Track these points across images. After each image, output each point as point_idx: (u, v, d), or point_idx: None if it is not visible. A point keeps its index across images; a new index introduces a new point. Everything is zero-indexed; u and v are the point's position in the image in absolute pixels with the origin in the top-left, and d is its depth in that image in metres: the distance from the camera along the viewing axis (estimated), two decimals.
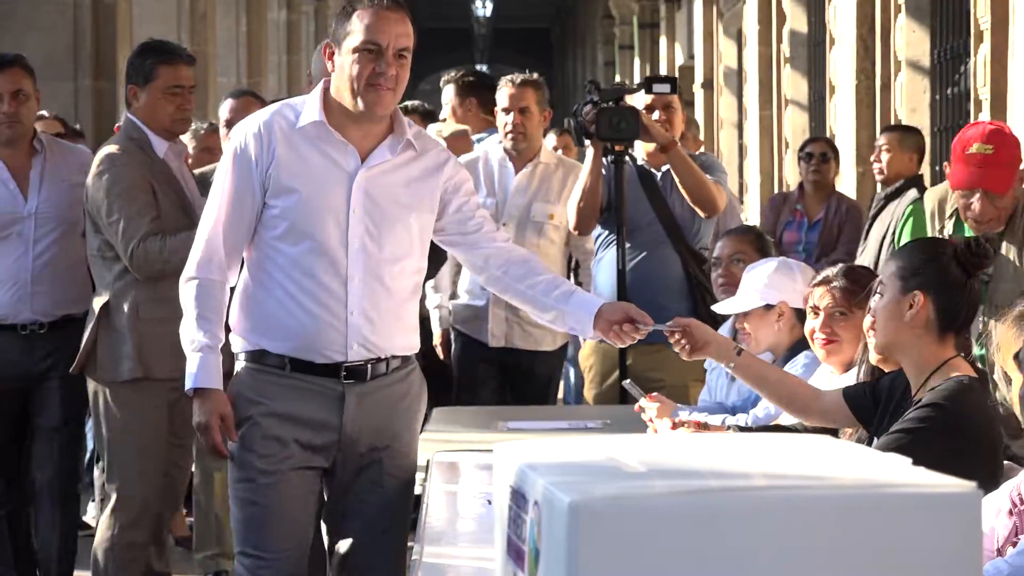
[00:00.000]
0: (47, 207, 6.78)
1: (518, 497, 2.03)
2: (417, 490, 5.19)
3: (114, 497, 6.71)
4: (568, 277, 7.82)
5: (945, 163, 7.68)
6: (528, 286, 5.13)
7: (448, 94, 9.28)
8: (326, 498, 5.19)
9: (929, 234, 6.90)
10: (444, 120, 9.19)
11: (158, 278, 6.38)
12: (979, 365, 4.82)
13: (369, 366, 5.05)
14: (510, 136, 7.78)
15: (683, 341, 5.35)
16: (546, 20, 48.44)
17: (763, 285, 6.06)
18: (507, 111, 7.85)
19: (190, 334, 5.01)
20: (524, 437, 2.69)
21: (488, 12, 38.36)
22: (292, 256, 5.02)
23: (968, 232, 6.56)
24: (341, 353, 5.05)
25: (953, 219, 6.94)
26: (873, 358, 4.90)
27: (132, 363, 6.59)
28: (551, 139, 9.89)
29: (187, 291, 5.01)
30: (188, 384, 5.01)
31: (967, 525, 1.87)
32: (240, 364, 5.12)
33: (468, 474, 5.22)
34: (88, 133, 9.52)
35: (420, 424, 5.26)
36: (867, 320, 4.92)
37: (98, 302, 6.60)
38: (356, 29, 4.98)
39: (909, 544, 1.86)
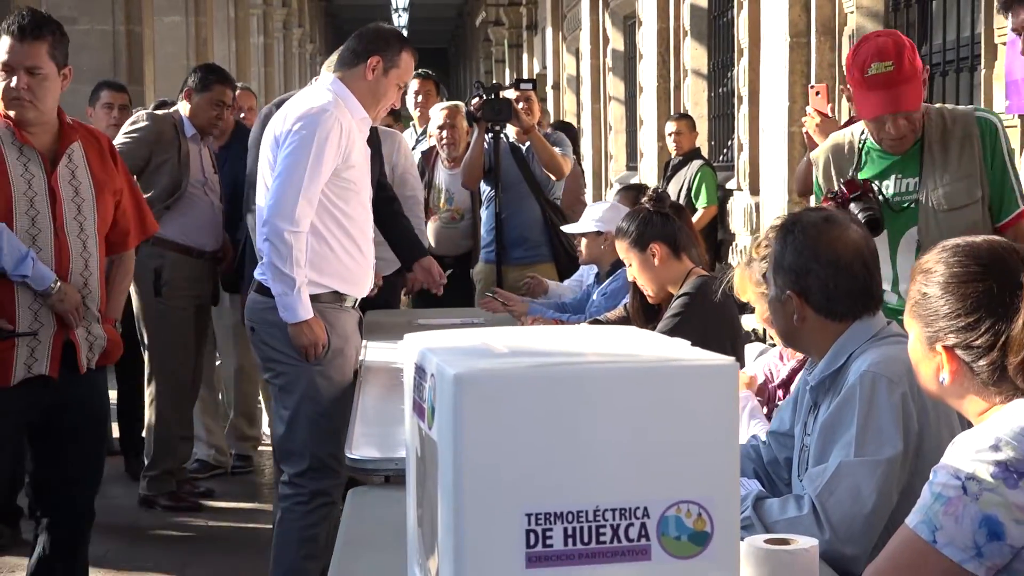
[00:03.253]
0: None
1: (420, 371, 2.02)
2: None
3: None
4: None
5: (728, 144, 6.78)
6: None
7: (414, 86, 8.72)
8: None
9: (822, 185, 4.39)
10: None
11: None
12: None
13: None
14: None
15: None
16: (445, 42, 48.23)
17: (597, 217, 6.14)
18: None
19: (295, 276, 4.45)
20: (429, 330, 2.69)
21: (404, 36, 37.95)
22: (351, 216, 4.66)
23: (877, 165, 4.28)
24: (367, 288, 4.87)
25: (857, 160, 4.30)
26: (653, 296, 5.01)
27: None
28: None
29: (294, 240, 4.44)
30: (298, 317, 4.49)
31: (728, 390, 1.87)
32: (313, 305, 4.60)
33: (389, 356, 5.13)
34: None
35: None
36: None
37: None
38: (403, 67, 4.73)
39: (687, 404, 1.86)
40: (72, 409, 4.52)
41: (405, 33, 36.98)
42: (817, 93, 5.72)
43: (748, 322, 6.05)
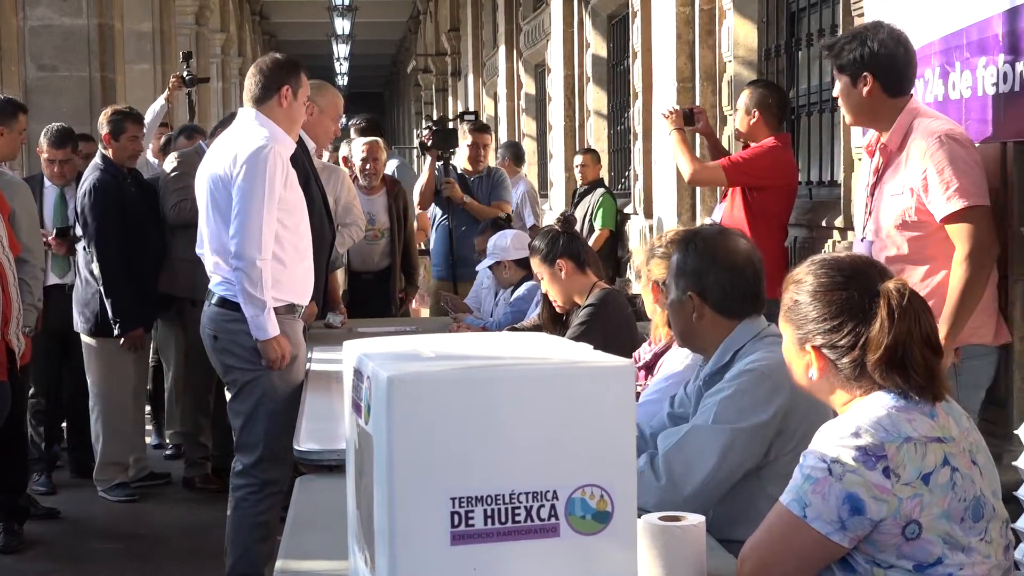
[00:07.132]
0: None
1: (358, 374, 1.99)
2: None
3: None
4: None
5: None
6: None
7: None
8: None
9: None
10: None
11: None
12: None
13: None
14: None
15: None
16: (380, 87, 48.08)
17: (490, 254, 6.31)
18: None
19: (265, 298, 4.35)
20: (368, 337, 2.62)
21: (346, 82, 37.74)
22: (297, 232, 4.54)
23: None
24: (310, 294, 4.74)
25: None
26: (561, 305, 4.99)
27: None
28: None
29: (263, 267, 4.34)
30: (268, 334, 4.39)
31: (626, 386, 1.87)
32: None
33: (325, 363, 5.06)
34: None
35: None
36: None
37: None
38: (304, 85, 4.65)
39: (590, 400, 1.86)
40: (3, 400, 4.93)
41: (346, 80, 36.90)
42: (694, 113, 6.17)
43: (643, 328, 6.07)
